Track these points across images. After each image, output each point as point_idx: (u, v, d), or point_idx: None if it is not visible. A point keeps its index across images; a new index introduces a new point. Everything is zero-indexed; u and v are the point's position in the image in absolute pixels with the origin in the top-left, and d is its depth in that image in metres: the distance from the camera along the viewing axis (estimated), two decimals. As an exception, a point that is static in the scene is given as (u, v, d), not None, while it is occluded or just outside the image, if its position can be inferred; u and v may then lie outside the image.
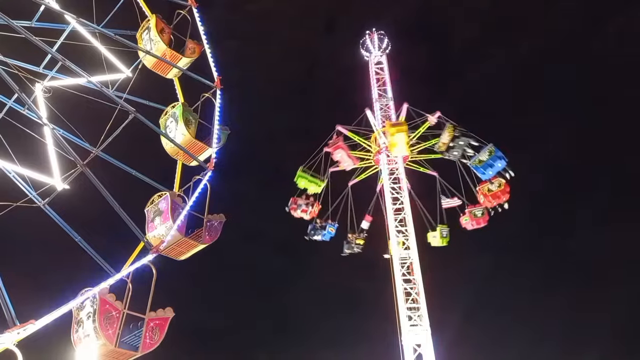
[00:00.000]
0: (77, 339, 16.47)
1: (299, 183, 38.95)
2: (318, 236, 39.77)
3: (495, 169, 35.99)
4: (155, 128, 21.79)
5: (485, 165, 35.97)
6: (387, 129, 37.74)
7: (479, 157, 35.90)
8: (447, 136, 36.40)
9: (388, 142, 37.78)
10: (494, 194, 36.32)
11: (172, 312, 17.63)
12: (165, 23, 24.10)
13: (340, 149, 37.73)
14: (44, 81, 22.80)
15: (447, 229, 38.22)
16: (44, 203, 20.94)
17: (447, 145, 36.66)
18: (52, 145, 20.86)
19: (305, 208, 39.18)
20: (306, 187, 39.03)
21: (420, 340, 31.65)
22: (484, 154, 35.75)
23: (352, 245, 40.51)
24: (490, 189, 36.35)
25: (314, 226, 39.74)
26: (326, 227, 39.73)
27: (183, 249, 19.95)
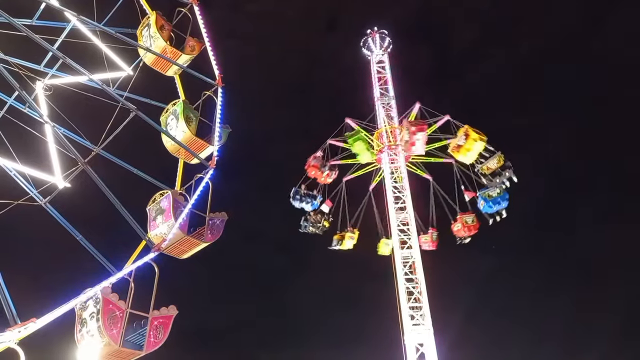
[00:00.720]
0: (80, 337, 16.33)
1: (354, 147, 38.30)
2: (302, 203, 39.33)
3: (499, 207, 36.82)
4: (156, 125, 21.71)
5: (494, 200, 36.62)
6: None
7: (489, 191, 36.36)
8: (496, 163, 36.56)
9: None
10: (469, 227, 36.92)
11: (176, 310, 17.50)
12: (166, 20, 24.03)
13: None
14: (44, 79, 22.66)
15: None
16: (45, 201, 20.79)
17: (492, 171, 36.86)
18: (53, 143, 20.71)
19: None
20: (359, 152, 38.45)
21: (423, 339, 31.53)
22: (495, 191, 36.20)
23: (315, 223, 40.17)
24: (467, 221, 36.88)
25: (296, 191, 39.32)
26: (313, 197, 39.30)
27: (185, 247, 19.87)
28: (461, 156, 36.84)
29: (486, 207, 36.85)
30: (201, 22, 24.55)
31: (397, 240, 34.99)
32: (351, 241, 40.26)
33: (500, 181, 36.59)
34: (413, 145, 37.21)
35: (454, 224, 38.06)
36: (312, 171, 39.23)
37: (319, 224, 40.13)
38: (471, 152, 36.50)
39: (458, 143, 36.40)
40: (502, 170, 36.65)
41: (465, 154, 36.51)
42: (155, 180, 21.38)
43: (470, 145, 36.25)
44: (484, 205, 36.87)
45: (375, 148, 39.53)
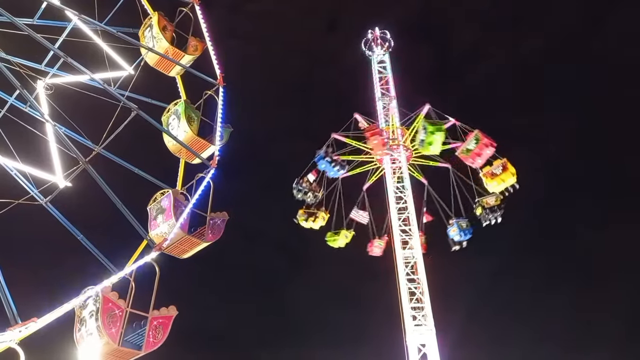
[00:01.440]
0: (79, 337, 16.29)
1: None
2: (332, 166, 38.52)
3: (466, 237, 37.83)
4: (157, 125, 21.69)
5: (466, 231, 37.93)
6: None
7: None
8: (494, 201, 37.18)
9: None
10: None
11: (176, 310, 17.45)
12: (168, 20, 24.02)
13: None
14: (45, 78, 22.65)
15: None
16: (45, 201, 20.78)
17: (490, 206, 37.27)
18: (54, 142, 20.69)
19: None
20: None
21: (425, 340, 31.45)
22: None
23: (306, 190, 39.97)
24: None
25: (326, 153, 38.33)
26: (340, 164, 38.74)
27: (186, 247, 19.80)
28: (470, 160, 36.70)
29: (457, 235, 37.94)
30: (202, 22, 24.53)
31: (398, 241, 34.93)
32: (321, 222, 40.03)
33: (488, 218, 37.08)
34: (478, 156, 36.84)
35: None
36: None
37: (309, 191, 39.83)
38: (435, 145, 36.72)
39: (467, 147, 36.29)
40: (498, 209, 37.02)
41: (475, 158, 36.45)
42: (156, 179, 21.33)
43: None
44: (455, 232, 37.85)
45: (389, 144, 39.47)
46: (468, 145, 36.29)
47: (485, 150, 35.83)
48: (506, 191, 36.56)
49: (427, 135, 36.04)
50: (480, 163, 36.51)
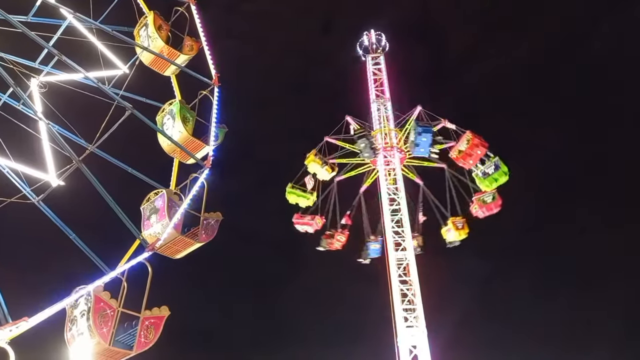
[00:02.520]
0: (70, 337, 16.23)
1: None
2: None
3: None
4: (152, 125, 21.64)
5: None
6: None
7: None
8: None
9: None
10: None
11: (168, 310, 17.42)
12: (163, 20, 23.94)
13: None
14: (39, 76, 22.53)
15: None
16: (38, 199, 20.66)
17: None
18: (47, 140, 20.57)
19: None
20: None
21: (416, 341, 31.53)
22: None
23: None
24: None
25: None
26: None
27: (179, 247, 19.77)
28: (462, 161, 36.91)
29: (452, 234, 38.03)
30: (198, 22, 24.50)
31: (391, 242, 35.02)
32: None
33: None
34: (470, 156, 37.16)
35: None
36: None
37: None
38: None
39: (459, 148, 36.52)
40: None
41: (492, 182, 36.62)
42: (150, 179, 21.26)
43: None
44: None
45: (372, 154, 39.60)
46: (460, 146, 36.58)
47: (476, 150, 36.10)
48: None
49: (415, 137, 36.11)
50: (472, 163, 36.73)
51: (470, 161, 36.61)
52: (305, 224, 40.07)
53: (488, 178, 36.33)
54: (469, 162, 36.76)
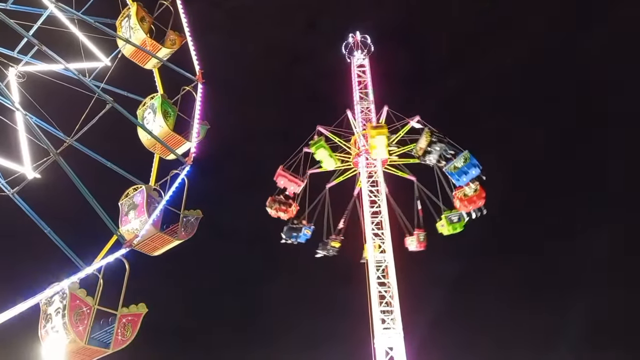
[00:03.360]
0: (44, 334, 15.88)
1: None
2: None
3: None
4: (132, 119, 21.35)
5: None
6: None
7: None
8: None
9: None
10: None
11: (145, 308, 17.19)
12: (147, 12, 23.66)
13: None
14: (18, 66, 22.00)
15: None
16: (13, 192, 20.17)
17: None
18: (24, 132, 20.12)
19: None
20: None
21: (393, 343, 31.69)
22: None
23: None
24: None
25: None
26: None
27: (157, 244, 19.54)
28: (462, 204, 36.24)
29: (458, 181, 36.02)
30: (183, 16, 24.24)
31: (371, 244, 35.16)
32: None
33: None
34: (375, 149, 37.22)
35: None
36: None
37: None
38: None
39: (465, 192, 36.52)
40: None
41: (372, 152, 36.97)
42: (129, 174, 20.99)
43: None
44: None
45: (352, 152, 39.64)
46: (467, 190, 36.45)
47: (479, 201, 36.29)
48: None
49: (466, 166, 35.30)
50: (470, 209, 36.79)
51: (470, 207, 36.81)
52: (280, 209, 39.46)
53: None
54: (468, 207, 36.88)
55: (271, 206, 38.90)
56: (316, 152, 38.30)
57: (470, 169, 35.64)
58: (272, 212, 39.04)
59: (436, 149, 36.24)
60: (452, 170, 35.98)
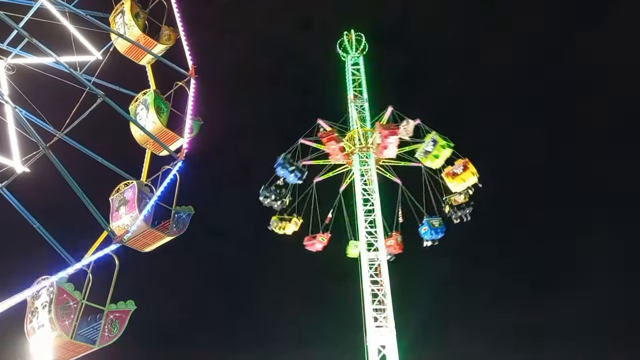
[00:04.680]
0: (30, 329, 15.67)
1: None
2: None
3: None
4: (125, 114, 21.13)
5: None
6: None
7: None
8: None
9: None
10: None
11: (134, 305, 17.00)
12: (141, 8, 23.44)
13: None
14: (7, 58, 21.70)
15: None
16: (1, 186, 19.92)
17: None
18: (13, 125, 19.86)
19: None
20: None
21: (385, 341, 31.66)
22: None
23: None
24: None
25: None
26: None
27: (148, 240, 19.34)
28: (429, 162, 37.20)
29: (428, 234, 37.74)
30: (177, 12, 24.03)
31: (364, 243, 35.09)
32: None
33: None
34: (385, 148, 37.45)
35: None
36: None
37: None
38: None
39: (426, 149, 36.76)
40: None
41: (433, 160, 36.89)
42: (120, 170, 20.75)
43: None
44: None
45: (347, 150, 39.54)
46: (426, 147, 36.74)
47: (443, 152, 36.35)
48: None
49: (436, 148, 35.95)
50: (440, 164, 36.97)
51: (438, 162, 36.86)
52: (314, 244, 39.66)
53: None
54: (437, 163, 37.00)
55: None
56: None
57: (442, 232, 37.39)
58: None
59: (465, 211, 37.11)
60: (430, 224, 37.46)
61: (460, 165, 36.41)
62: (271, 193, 38.79)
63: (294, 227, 39.53)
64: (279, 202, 39.02)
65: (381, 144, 37.21)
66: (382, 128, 37.43)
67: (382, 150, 37.55)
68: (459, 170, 36.38)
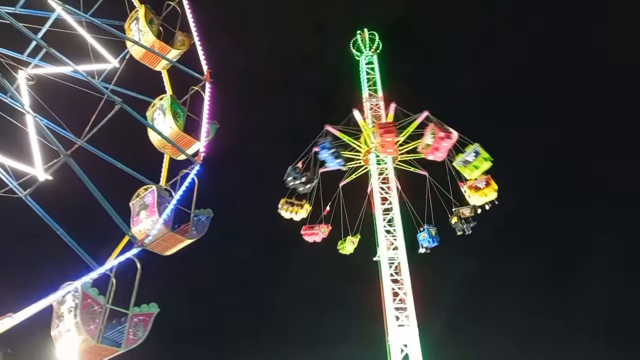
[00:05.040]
0: (57, 334, 15.90)
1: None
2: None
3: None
4: (142, 119, 21.35)
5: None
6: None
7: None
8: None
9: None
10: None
11: (157, 307, 17.17)
12: (155, 14, 23.67)
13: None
14: (27, 69, 22.12)
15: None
16: (25, 194, 20.20)
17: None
18: (35, 134, 20.19)
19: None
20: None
21: (407, 340, 31.48)
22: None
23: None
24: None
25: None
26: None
27: (169, 244, 19.49)
28: (467, 172, 36.15)
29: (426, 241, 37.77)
30: (190, 17, 24.24)
31: (383, 241, 34.97)
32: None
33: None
34: (383, 147, 37.01)
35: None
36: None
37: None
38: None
39: (466, 159, 36.23)
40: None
41: (473, 170, 36.11)
42: (140, 175, 21.00)
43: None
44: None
45: (362, 150, 39.44)
46: (426, 140, 36.33)
47: (442, 142, 35.81)
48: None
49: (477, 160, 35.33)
50: (442, 156, 36.49)
51: (440, 154, 36.36)
52: (312, 234, 39.62)
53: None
54: (438, 155, 36.49)
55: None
56: None
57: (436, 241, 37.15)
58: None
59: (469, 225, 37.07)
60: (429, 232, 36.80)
61: (483, 180, 36.02)
62: (299, 174, 37.67)
63: (304, 213, 39.11)
64: (307, 185, 37.97)
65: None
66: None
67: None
68: (481, 185, 36.02)
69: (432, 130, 35.97)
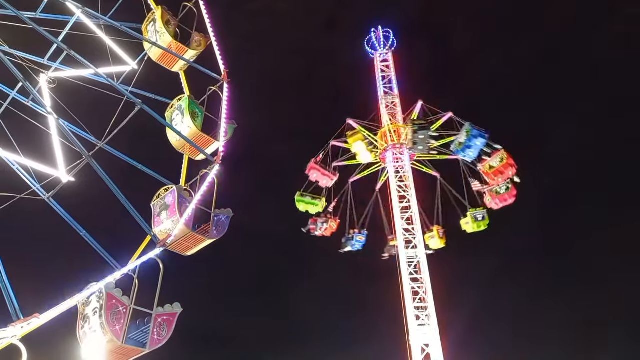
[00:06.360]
0: (82, 334, 15.98)
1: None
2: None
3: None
4: (161, 120, 21.44)
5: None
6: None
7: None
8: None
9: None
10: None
11: (180, 307, 17.17)
12: (172, 15, 23.82)
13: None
14: (48, 72, 22.35)
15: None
16: (48, 196, 20.38)
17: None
18: (57, 136, 20.35)
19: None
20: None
21: (428, 340, 31.19)
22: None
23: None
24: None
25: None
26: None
27: (190, 244, 19.50)
28: (490, 177, 36.29)
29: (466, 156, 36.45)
30: (207, 17, 24.29)
31: (402, 240, 34.69)
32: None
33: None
34: (417, 143, 37.04)
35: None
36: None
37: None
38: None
39: (491, 164, 35.96)
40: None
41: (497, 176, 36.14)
42: (160, 175, 21.10)
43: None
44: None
45: (380, 147, 39.21)
46: (492, 162, 35.88)
47: (508, 170, 35.65)
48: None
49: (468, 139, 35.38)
50: (501, 181, 36.20)
51: (500, 179, 36.07)
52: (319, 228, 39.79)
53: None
54: (497, 180, 36.15)
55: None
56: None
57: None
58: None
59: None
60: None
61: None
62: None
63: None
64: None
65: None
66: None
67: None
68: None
69: (502, 155, 35.61)
